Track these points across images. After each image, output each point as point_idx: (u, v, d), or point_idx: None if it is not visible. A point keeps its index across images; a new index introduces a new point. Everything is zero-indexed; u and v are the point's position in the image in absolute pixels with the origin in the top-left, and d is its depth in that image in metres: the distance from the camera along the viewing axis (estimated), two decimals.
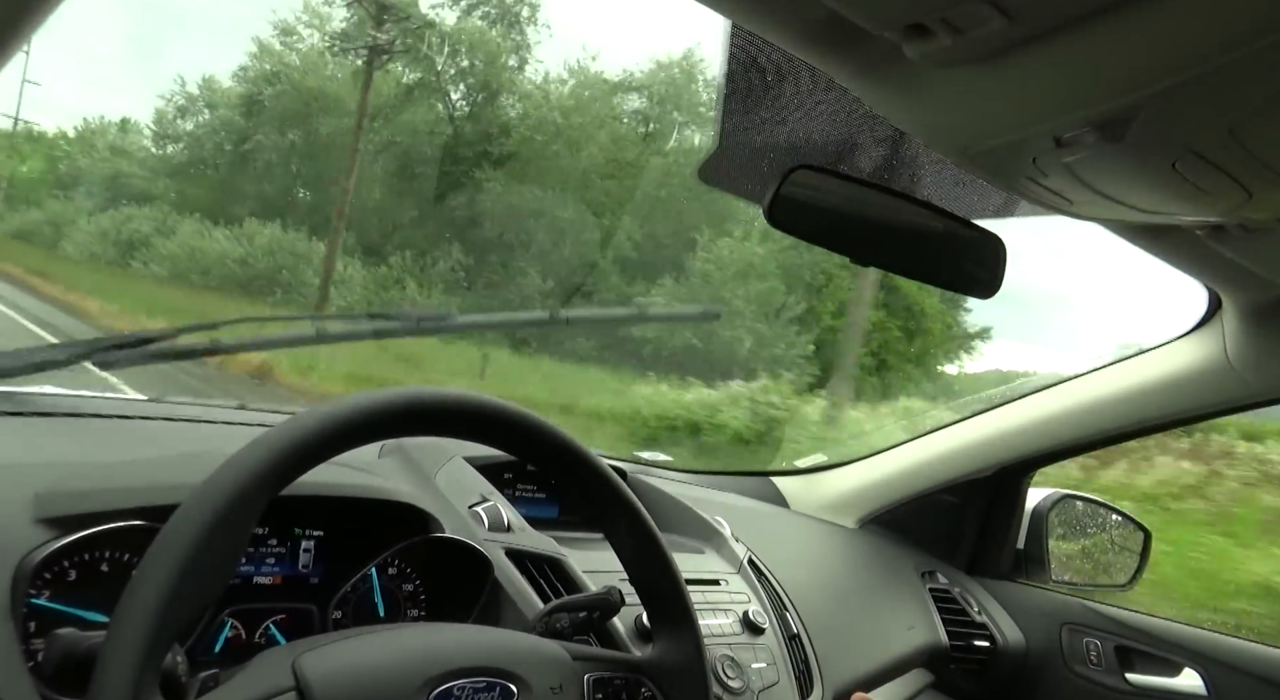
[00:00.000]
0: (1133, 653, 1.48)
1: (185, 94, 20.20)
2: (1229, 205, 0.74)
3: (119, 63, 31.95)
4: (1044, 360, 19.37)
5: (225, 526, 0.59)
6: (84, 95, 34.99)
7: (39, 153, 23.38)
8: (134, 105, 40.10)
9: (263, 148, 18.41)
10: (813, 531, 1.61)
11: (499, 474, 1.21)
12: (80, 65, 30.50)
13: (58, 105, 31.99)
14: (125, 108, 39.33)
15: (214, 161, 19.71)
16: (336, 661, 0.65)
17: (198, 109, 20.09)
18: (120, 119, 22.28)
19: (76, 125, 23.28)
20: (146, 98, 34.06)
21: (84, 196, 20.02)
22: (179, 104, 20.13)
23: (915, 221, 0.90)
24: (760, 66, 0.84)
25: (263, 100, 18.59)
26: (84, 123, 22.93)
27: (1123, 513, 1.67)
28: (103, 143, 21.57)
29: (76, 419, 1.00)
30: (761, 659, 1.12)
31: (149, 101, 34.64)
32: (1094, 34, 0.52)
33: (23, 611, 0.68)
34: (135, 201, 18.52)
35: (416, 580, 0.95)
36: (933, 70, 0.59)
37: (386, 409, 0.67)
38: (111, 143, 21.54)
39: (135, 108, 38.34)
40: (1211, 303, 1.23)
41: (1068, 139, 0.63)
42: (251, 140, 18.45)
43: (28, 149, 24.70)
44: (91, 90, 34.02)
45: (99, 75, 32.63)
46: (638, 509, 0.80)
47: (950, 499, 1.63)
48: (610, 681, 0.77)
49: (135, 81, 33.17)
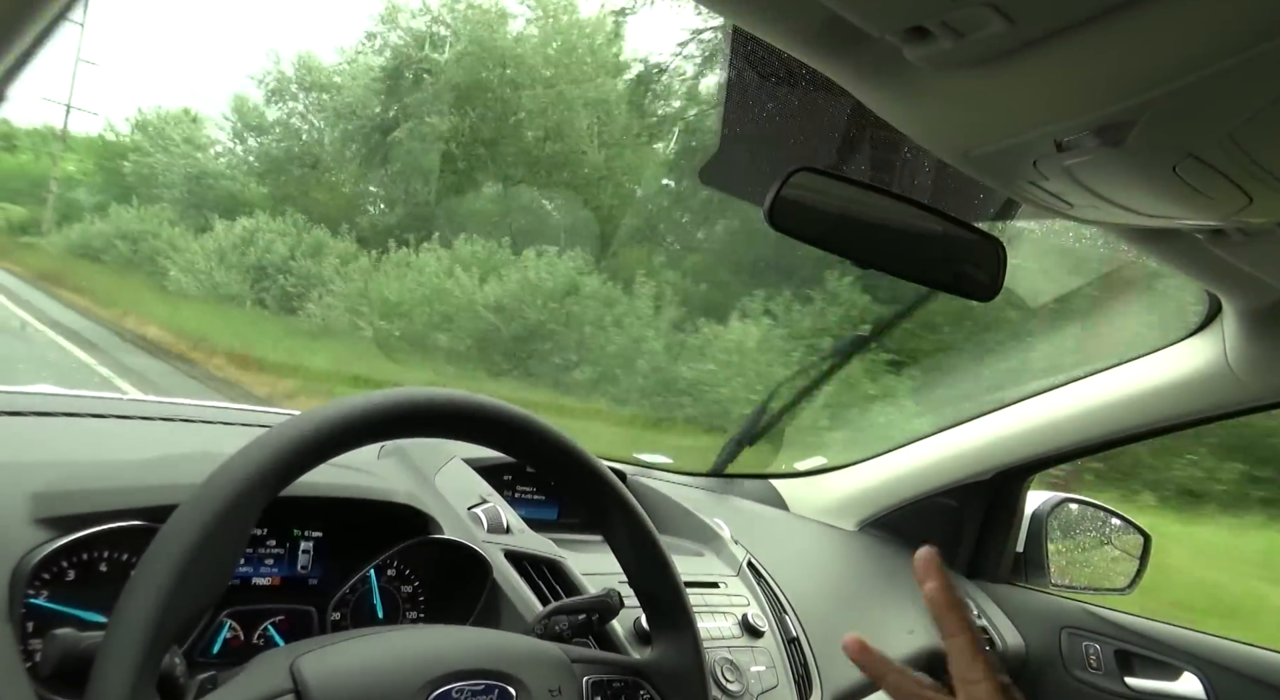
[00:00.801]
0: (1132, 657, 1.48)
1: (277, 75, 15.37)
2: (1229, 209, 0.74)
3: (153, 48, 29.23)
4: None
5: (224, 527, 0.59)
6: (123, 83, 30.64)
7: (89, 148, 19.87)
8: (163, 94, 35.80)
9: (421, 136, 13.06)
10: (812, 534, 1.61)
11: (498, 476, 1.21)
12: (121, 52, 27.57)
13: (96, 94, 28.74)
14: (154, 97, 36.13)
15: (324, 158, 15.16)
16: (335, 663, 0.65)
17: (291, 93, 15.53)
18: (181, 109, 18.07)
19: (128, 116, 19.26)
20: (194, 85, 31.20)
21: (158, 201, 16.04)
22: (271, 87, 15.53)
23: (915, 224, 0.90)
24: (761, 69, 0.84)
25: (421, 72, 13.38)
26: (139, 114, 18.65)
27: (1123, 516, 1.67)
28: (180, 135, 17.61)
29: (75, 419, 1.00)
30: (760, 662, 1.12)
31: (198, 89, 31.30)
32: (1095, 37, 0.52)
33: (21, 611, 0.68)
34: (223, 209, 14.69)
35: (415, 582, 0.94)
36: (933, 73, 0.59)
37: (386, 410, 0.67)
38: (188, 135, 17.62)
39: (161, 96, 35.53)
40: (1211, 306, 1.23)
41: (1068, 142, 0.63)
42: (403, 126, 13.31)
43: (57, 144, 20.93)
44: (126, 77, 30.01)
45: (133, 61, 29.37)
46: (637, 511, 0.80)
47: (950, 502, 1.63)
48: (609, 684, 0.77)
49: (172, 68, 29.34)
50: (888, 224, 0.89)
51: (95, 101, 22.34)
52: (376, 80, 14.14)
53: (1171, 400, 1.33)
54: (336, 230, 12.63)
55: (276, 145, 15.81)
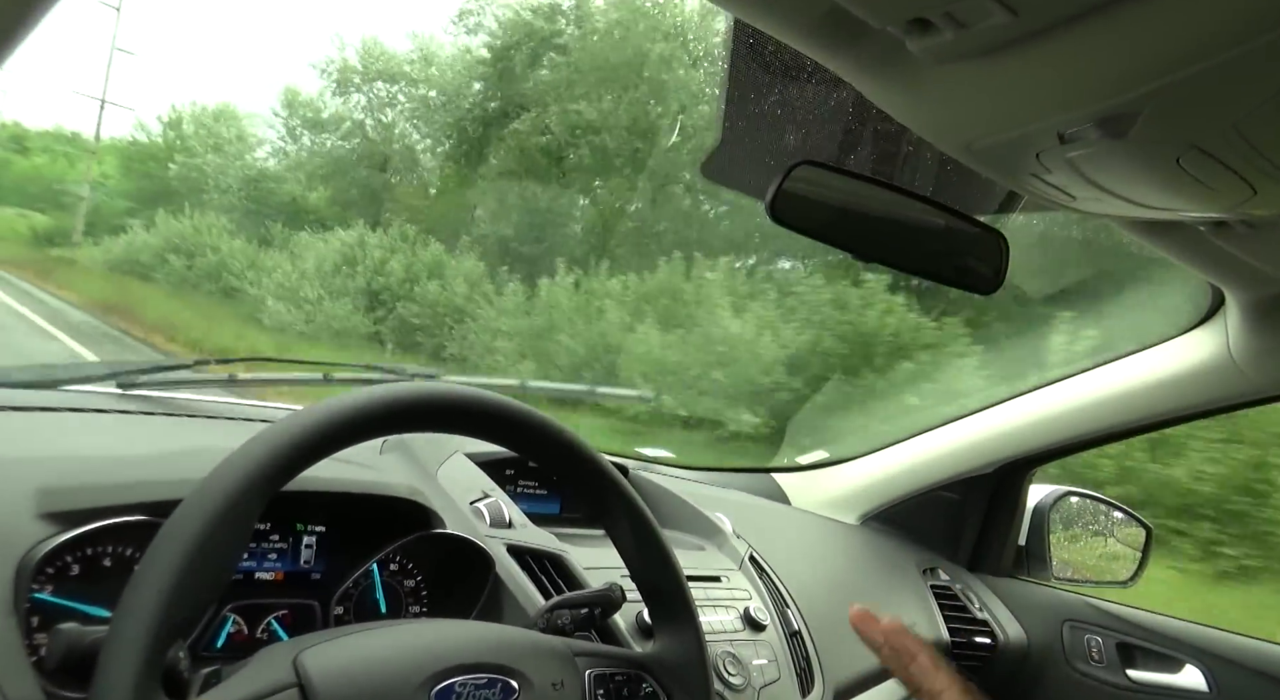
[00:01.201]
0: (1134, 649, 1.48)
1: (341, 64, 13.30)
2: (1233, 201, 0.74)
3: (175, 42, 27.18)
4: None
5: (227, 522, 0.59)
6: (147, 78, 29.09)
7: (114, 149, 18.04)
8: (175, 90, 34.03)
9: (544, 128, 10.30)
10: (814, 528, 1.61)
11: (500, 470, 1.21)
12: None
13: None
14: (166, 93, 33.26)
15: (397, 156, 13.05)
16: (338, 657, 0.65)
17: (357, 83, 13.60)
18: (221, 104, 16.30)
19: (160, 114, 17.94)
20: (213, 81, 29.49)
21: (207, 208, 13.73)
22: (335, 77, 13.52)
23: (918, 217, 0.90)
24: (763, 62, 0.84)
25: (544, 51, 10.64)
26: (174, 111, 16.90)
27: (1125, 509, 1.67)
28: (230, 132, 15.39)
29: (79, 414, 1.00)
30: (763, 655, 1.12)
31: (236, 83, 29.98)
32: (1098, 29, 0.51)
33: (25, 606, 0.68)
34: (287, 217, 12.50)
35: (418, 576, 0.95)
36: (936, 65, 0.59)
37: (389, 405, 0.67)
38: (239, 133, 15.42)
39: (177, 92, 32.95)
40: (1215, 299, 1.22)
41: (1071, 135, 0.63)
42: (524, 117, 10.65)
43: (84, 144, 18.67)
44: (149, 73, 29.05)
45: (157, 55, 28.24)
46: (639, 505, 0.80)
47: (952, 496, 1.63)
48: (611, 677, 0.77)
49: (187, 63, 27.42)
50: (890, 217, 0.89)
51: (132, 96, 20.56)
52: (478, 64, 11.78)
53: (1174, 393, 1.33)
54: (449, 246, 10.16)
55: (340, 143, 13.74)
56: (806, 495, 1.69)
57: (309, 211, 12.66)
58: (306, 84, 16.26)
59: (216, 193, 13.90)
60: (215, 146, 14.98)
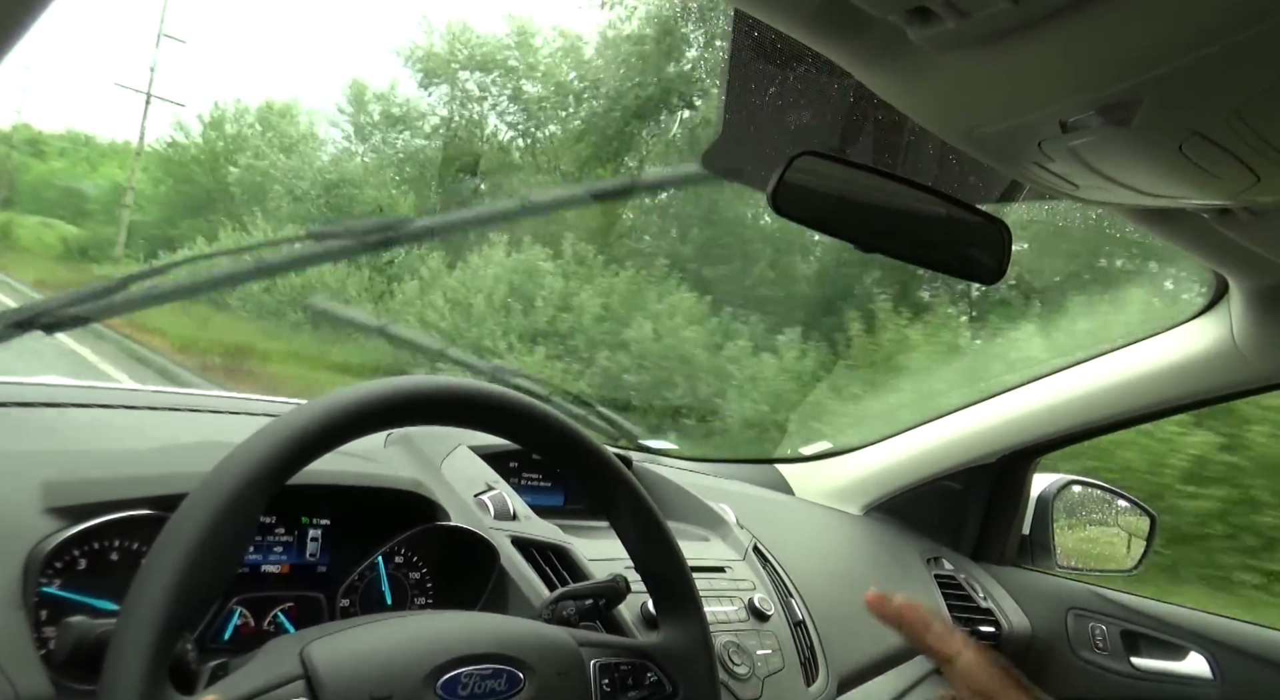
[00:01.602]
0: (1138, 637, 1.49)
1: (426, 51, 11.30)
2: (1236, 188, 0.74)
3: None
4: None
5: (233, 515, 0.59)
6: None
7: (153, 152, 15.91)
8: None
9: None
10: (818, 518, 1.61)
11: (504, 463, 1.21)
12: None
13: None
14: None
15: (496, 154, 10.95)
16: (344, 649, 0.65)
17: (450, 73, 11.41)
18: (286, 100, 14.29)
19: (203, 113, 15.47)
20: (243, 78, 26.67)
21: (275, 217, 11.36)
22: (421, 66, 11.44)
23: (920, 207, 0.89)
24: (764, 53, 0.84)
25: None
26: (216, 108, 14.99)
27: (1129, 497, 1.67)
28: (300, 131, 13.26)
29: (84, 409, 1.00)
30: (767, 645, 1.12)
31: (279, 78, 27.26)
32: (1099, 16, 0.51)
33: (34, 600, 0.69)
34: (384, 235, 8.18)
35: (423, 568, 0.95)
36: (937, 54, 0.58)
37: (392, 398, 0.67)
38: (308, 131, 13.26)
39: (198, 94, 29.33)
40: (1218, 286, 1.22)
41: (1073, 123, 0.63)
42: (695, 106, 8.49)
43: (94, 151, 17.20)
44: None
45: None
46: (643, 497, 0.81)
47: (955, 485, 1.63)
48: (616, 667, 0.78)
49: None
50: (892, 207, 0.88)
51: (181, 90, 19.49)
52: (625, 42, 9.30)
53: (1178, 381, 1.33)
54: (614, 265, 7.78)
55: (421, 142, 11.69)
56: (810, 486, 1.69)
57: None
58: (374, 77, 13.93)
59: (289, 200, 11.60)
60: (285, 147, 12.78)
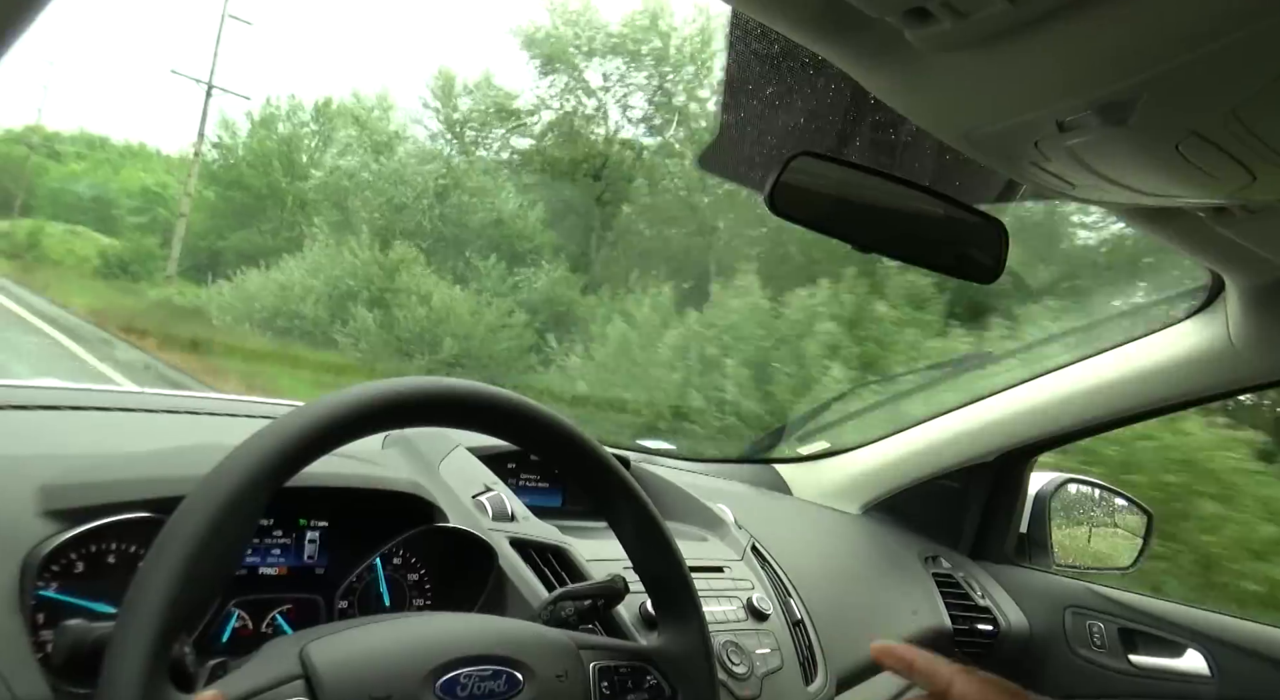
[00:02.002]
0: (1136, 634, 1.49)
1: (549, 32, 8.95)
2: (1232, 187, 0.74)
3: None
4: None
5: (231, 518, 0.59)
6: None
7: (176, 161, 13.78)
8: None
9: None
10: (816, 518, 1.62)
11: (502, 463, 1.21)
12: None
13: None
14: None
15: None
16: (344, 649, 0.65)
17: (569, 61, 9.08)
18: (379, 92, 11.39)
19: (249, 111, 13.44)
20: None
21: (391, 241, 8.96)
22: (542, 49, 9.16)
23: (917, 207, 0.89)
24: (761, 53, 0.84)
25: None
26: (268, 105, 12.81)
27: (1126, 495, 1.68)
28: (387, 130, 11.01)
29: (81, 412, 1.00)
30: (766, 645, 1.12)
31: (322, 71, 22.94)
32: (1095, 16, 0.51)
33: (31, 603, 0.68)
34: (491, 248, 8.33)
35: (421, 570, 0.95)
36: (934, 54, 0.58)
37: (390, 400, 0.67)
38: (400, 128, 10.82)
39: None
40: (1214, 285, 1.22)
41: (1070, 122, 0.63)
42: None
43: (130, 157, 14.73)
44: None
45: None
46: (641, 497, 0.81)
47: (953, 484, 1.64)
48: (616, 670, 0.78)
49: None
50: (889, 207, 0.89)
51: (244, 79, 16.60)
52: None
53: (1175, 379, 1.33)
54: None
55: (533, 143, 9.30)
56: (808, 485, 1.70)
57: (522, 238, 8.14)
58: (462, 68, 11.50)
59: (388, 209, 9.39)
60: (378, 146, 10.28)
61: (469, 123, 10.55)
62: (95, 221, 15.15)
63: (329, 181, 10.56)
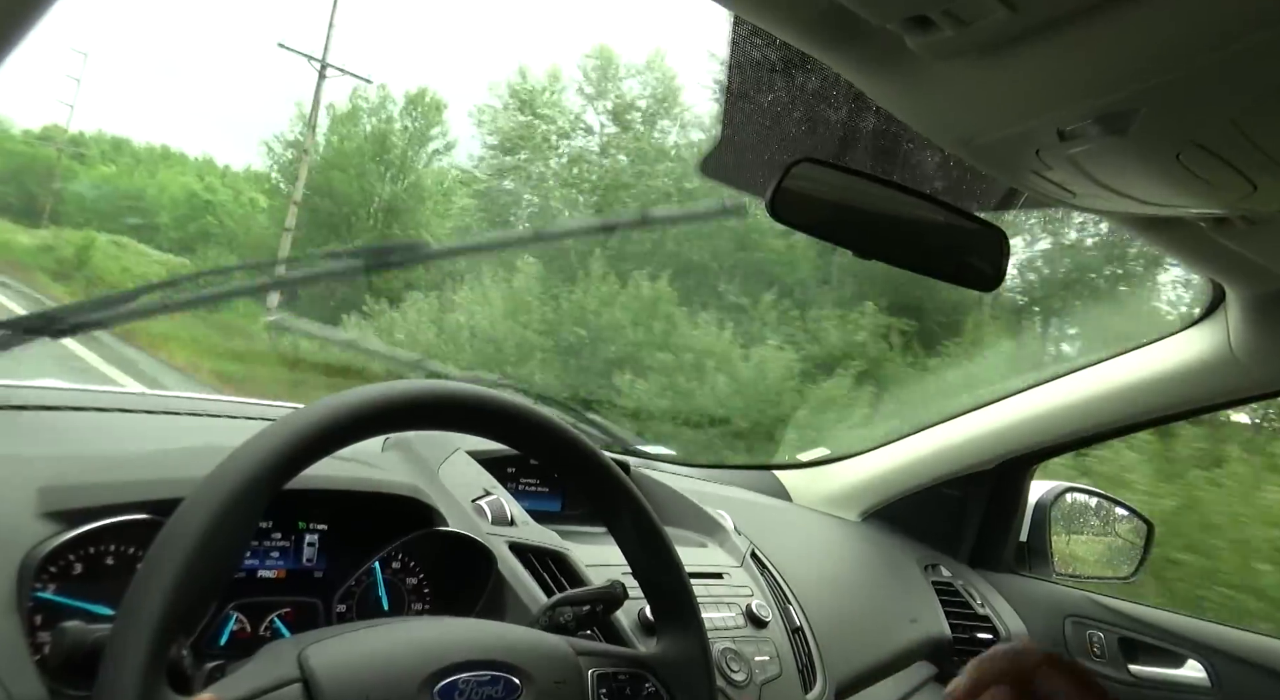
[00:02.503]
0: (1136, 644, 1.49)
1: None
2: (1233, 197, 0.74)
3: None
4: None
5: (230, 520, 0.59)
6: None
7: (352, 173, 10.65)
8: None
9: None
10: (815, 525, 1.61)
11: (502, 468, 1.21)
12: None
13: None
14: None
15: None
16: (342, 653, 0.65)
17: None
18: (550, 68, 9.83)
19: (332, 103, 11.37)
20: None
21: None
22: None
23: (917, 214, 0.90)
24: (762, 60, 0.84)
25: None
26: (355, 94, 11.19)
27: (1126, 505, 1.68)
28: (567, 120, 8.55)
29: (80, 413, 1.00)
30: (765, 652, 1.12)
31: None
32: (1097, 25, 0.52)
33: (28, 605, 0.68)
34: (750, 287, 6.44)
35: (420, 574, 0.95)
36: (935, 62, 0.59)
37: (390, 403, 0.67)
38: (571, 121, 8.63)
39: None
40: (1215, 295, 1.22)
41: (1071, 131, 0.63)
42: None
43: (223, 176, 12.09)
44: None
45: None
46: (641, 503, 0.81)
47: (953, 492, 1.63)
48: (614, 677, 0.77)
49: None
50: (890, 214, 0.89)
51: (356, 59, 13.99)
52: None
53: (1176, 389, 1.33)
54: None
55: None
56: (807, 492, 1.69)
57: (784, 264, 5.97)
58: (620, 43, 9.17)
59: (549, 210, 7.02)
60: (555, 137, 7.72)
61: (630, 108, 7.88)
62: (131, 230, 13.13)
63: (490, 186, 8.21)
